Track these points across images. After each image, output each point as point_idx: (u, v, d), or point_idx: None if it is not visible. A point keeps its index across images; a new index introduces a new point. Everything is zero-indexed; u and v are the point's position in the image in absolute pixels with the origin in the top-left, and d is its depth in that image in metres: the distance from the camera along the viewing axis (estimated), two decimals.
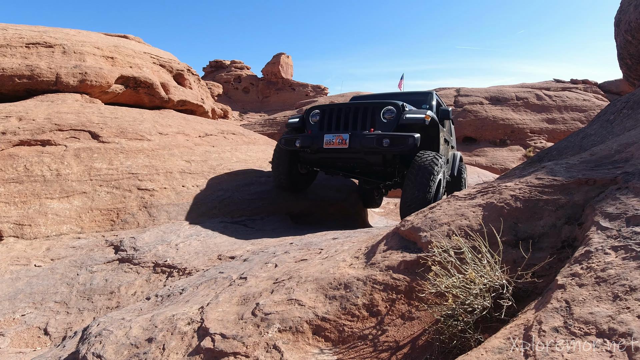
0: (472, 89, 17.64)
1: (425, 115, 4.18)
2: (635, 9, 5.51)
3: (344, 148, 4.23)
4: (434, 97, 5.73)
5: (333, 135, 4.35)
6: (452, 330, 1.17)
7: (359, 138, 4.15)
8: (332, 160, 4.64)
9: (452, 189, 6.60)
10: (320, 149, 4.37)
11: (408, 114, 4.25)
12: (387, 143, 3.98)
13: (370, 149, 4.12)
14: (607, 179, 1.50)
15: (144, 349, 1.48)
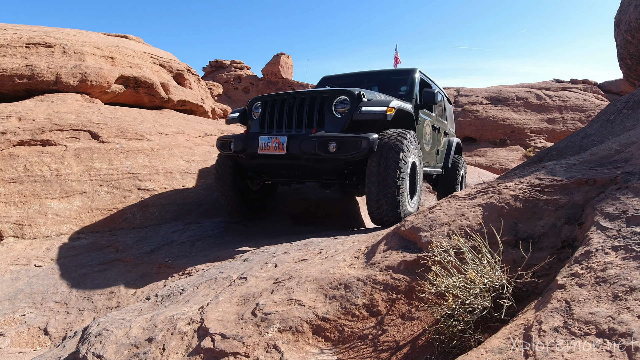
0: (472, 89, 17.65)
1: (387, 108, 3.23)
2: (635, 9, 5.51)
3: (282, 154, 3.25)
4: (416, 75, 4.55)
5: (269, 138, 3.33)
6: (452, 330, 1.17)
7: (298, 141, 3.17)
8: (274, 168, 3.65)
9: (446, 184, 5.82)
10: (255, 154, 3.41)
11: (365, 107, 3.24)
12: (334, 148, 3.05)
13: (311, 156, 3.15)
14: (607, 179, 1.50)
15: (144, 349, 1.48)
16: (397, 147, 3.15)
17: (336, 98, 3.39)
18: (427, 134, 4.63)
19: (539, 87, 17.90)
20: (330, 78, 5.33)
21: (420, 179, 3.67)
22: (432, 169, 5.09)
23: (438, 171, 5.45)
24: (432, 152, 5.01)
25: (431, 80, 5.36)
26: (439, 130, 5.28)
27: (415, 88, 4.43)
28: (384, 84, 4.75)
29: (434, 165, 5.21)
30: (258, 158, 3.51)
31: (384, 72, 5.04)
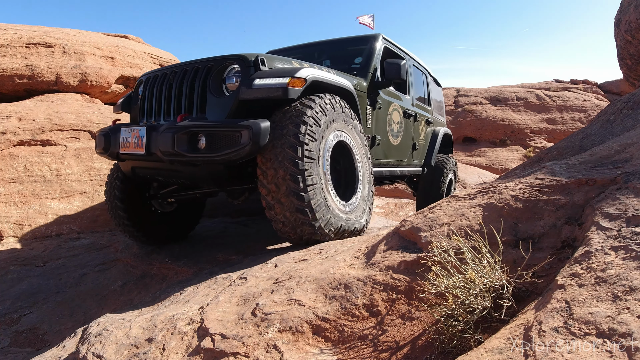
0: (472, 89, 17.65)
1: (291, 80, 2.20)
2: (635, 9, 5.51)
3: (142, 154, 2.36)
4: (377, 44, 3.54)
5: (129, 131, 2.48)
6: (452, 331, 1.17)
7: (157, 135, 2.26)
8: (148, 174, 2.69)
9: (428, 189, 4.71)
10: (119, 155, 2.57)
11: (259, 79, 2.22)
12: (203, 144, 2.12)
13: (173, 157, 2.20)
14: (607, 179, 1.50)
15: (144, 349, 1.48)
16: (298, 120, 2.19)
17: (227, 68, 2.38)
18: (394, 123, 3.68)
19: (539, 87, 17.90)
20: (275, 53, 4.20)
21: (363, 169, 2.74)
22: (403, 169, 4.03)
23: (415, 171, 4.37)
24: (402, 146, 3.93)
25: (404, 52, 4.22)
26: (415, 117, 4.17)
27: (373, 59, 3.39)
28: (337, 56, 3.81)
29: (407, 164, 4.14)
30: (125, 160, 2.67)
31: (339, 42, 3.95)
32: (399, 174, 4.01)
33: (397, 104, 3.82)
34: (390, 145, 3.71)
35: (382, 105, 3.48)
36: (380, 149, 3.53)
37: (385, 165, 3.70)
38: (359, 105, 3.01)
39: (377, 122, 3.43)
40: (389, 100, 3.65)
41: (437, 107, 5.29)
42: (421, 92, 4.69)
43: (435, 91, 5.29)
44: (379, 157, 3.55)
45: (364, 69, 3.39)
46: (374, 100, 3.34)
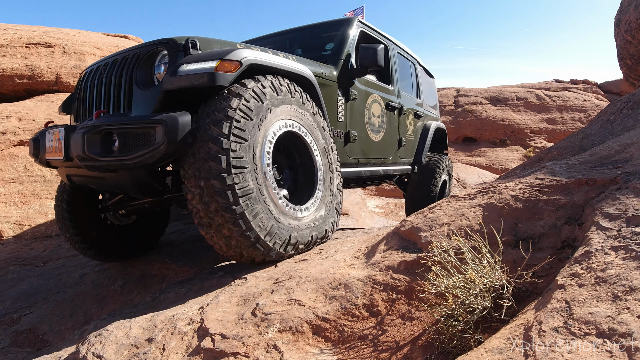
0: (472, 89, 17.65)
1: (219, 63, 1.87)
2: (635, 9, 5.51)
3: (61, 159, 2.10)
4: (351, 28, 3.16)
5: (52, 134, 2.22)
6: (452, 331, 1.17)
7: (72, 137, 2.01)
8: (83, 182, 2.39)
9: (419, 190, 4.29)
10: (47, 161, 2.30)
11: (186, 64, 1.91)
12: (117, 145, 1.86)
13: (87, 162, 1.91)
14: (607, 179, 1.50)
15: (144, 349, 1.48)
16: (221, 116, 1.81)
17: (157, 56, 2.07)
18: (374, 116, 3.32)
19: (539, 87, 17.90)
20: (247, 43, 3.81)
21: (324, 166, 2.36)
22: (388, 168, 3.65)
23: (403, 170, 3.99)
24: (386, 142, 3.56)
25: (386, 38, 3.78)
26: (401, 110, 3.79)
27: (346, 45, 3.02)
28: (309, 44, 3.42)
29: (393, 162, 3.75)
30: (56, 167, 2.43)
31: (311, 28, 3.54)
32: (383, 173, 3.58)
33: (378, 95, 3.39)
34: (370, 142, 3.30)
35: (357, 96, 3.06)
36: (357, 146, 3.14)
37: (364, 164, 3.29)
38: (326, 95, 2.68)
39: (352, 116, 3.02)
40: (367, 91, 3.24)
41: (428, 99, 4.83)
42: (408, 82, 4.25)
43: (425, 82, 4.85)
44: (356, 155, 3.15)
45: (334, 56, 2.99)
46: (346, 90, 2.94)
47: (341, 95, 2.91)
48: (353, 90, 3.04)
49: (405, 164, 4.10)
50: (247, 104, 1.92)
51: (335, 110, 2.85)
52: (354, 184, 4.16)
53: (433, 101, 5.10)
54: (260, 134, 1.98)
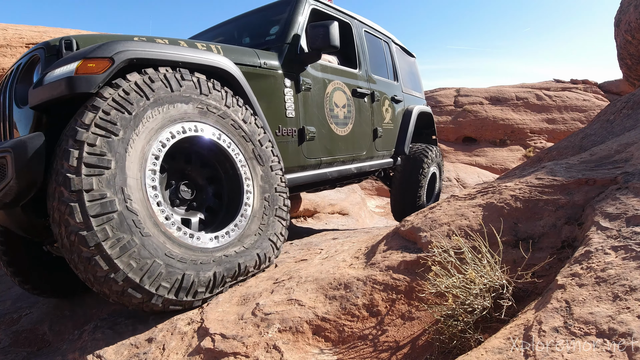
0: (472, 89, 17.65)
1: (80, 64, 1.51)
2: (635, 9, 5.51)
3: None
4: (300, 5, 2.77)
5: None
6: (452, 331, 1.17)
7: None
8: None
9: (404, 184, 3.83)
10: None
11: (52, 71, 1.56)
12: None
13: None
14: (607, 179, 1.50)
15: (144, 349, 1.48)
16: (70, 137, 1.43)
17: (36, 64, 1.76)
18: (337, 107, 2.89)
19: (539, 87, 17.90)
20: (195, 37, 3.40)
21: (255, 178, 1.97)
22: (363, 164, 3.23)
23: (382, 164, 3.55)
24: (356, 135, 3.11)
25: (346, 15, 3.31)
26: (373, 96, 3.35)
27: (293, 27, 2.62)
28: (257, 30, 3.00)
29: (368, 157, 3.31)
30: None
31: (257, 13, 3.11)
32: (356, 171, 3.18)
33: (341, 81, 2.97)
34: (334, 137, 2.88)
35: (312, 85, 2.66)
36: (317, 143, 2.72)
37: (330, 164, 2.87)
38: (267, 88, 2.32)
39: (306, 109, 2.62)
40: (326, 78, 2.81)
41: (409, 81, 4.35)
42: (381, 63, 3.77)
43: (404, 62, 4.37)
44: (317, 154, 2.73)
45: (278, 40, 2.59)
46: (296, 79, 2.53)
47: (289, 85, 2.48)
48: (305, 78, 2.61)
49: (384, 157, 3.63)
50: (107, 117, 1.48)
51: (282, 105, 2.43)
52: (321, 187, 3.64)
53: (415, 83, 4.60)
54: (135, 150, 1.52)
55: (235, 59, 2.18)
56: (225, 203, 1.96)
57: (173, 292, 1.55)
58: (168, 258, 1.53)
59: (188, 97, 1.78)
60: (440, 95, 17.35)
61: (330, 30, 2.45)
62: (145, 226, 1.50)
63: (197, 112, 1.79)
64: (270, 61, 2.42)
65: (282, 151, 2.38)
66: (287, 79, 2.49)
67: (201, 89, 1.85)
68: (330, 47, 2.48)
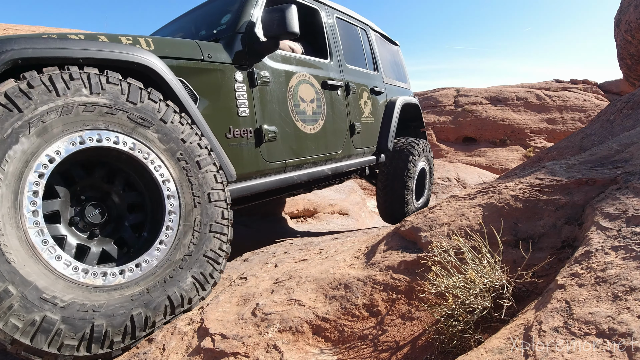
0: (472, 89, 17.66)
1: None
2: (635, 9, 5.51)
3: None
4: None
5: None
6: (452, 331, 1.17)
7: None
8: None
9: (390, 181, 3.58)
10: None
11: None
12: None
13: None
14: (607, 179, 1.50)
15: (144, 349, 1.48)
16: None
17: None
18: (304, 101, 2.62)
19: (539, 87, 17.91)
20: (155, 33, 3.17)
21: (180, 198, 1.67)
22: (339, 164, 2.97)
23: (363, 162, 3.28)
24: (328, 132, 2.85)
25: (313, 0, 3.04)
26: (348, 88, 3.07)
27: (244, 13, 2.33)
28: (210, 21, 2.74)
29: (345, 156, 3.05)
30: None
31: (212, 2, 2.87)
32: (331, 173, 2.86)
33: (308, 73, 2.68)
34: (302, 136, 2.58)
35: (271, 78, 2.37)
36: (280, 144, 2.42)
37: (298, 166, 2.58)
38: (211, 84, 2.06)
39: (264, 106, 2.32)
40: (289, 70, 2.53)
41: (391, 71, 4.11)
42: (358, 53, 3.49)
43: (386, 51, 4.09)
44: (280, 156, 2.43)
45: (229, 30, 2.31)
46: (250, 72, 2.25)
47: (241, 80, 2.20)
48: (261, 71, 2.31)
49: (365, 155, 3.34)
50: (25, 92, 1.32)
51: (232, 103, 2.14)
52: (293, 192, 3.27)
53: (400, 73, 4.33)
54: (7, 174, 1.26)
55: (170, 52, 1.92)
56: (148, 231, 1.66)
57: (84, 348, 1.30)
58: (47, 304, 1.23)
59: (81, 102, 1.46)
60: (440, 95, 17.36)
61: (287, 15, 2.17)
62: (23, 268, 1.20)
63: (102, 118, 1.50)
64: (217, 53, 2.13)
65: (235, 156, 2.12)
66: (239, 73, 2.20)
67: (91, 88, 1.49)
68: (288, 34, 2.19)
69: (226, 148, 2.07)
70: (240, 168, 2.16)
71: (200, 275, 1.67)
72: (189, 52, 2.03)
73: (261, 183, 2.29)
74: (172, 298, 1.56)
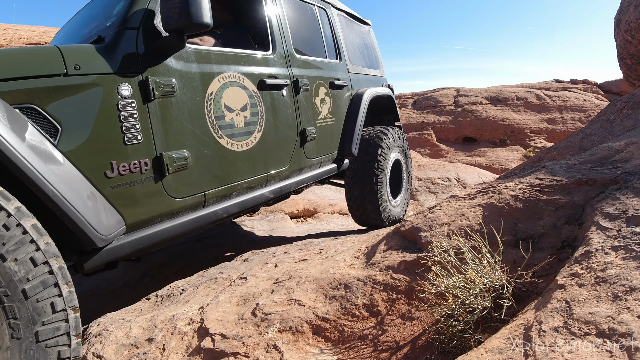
0: (472, 89, 17.66)
1: None
2: (635, 9, 5.51)
3: None
4: None
5: None
6: (452, 330, 1.17)
7: None
8: None
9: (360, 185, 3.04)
10: None
11: None
12: None
13: None
14: (607, 179, 1.50)
15: (144, 349, 1.48)
16: None
17: None
18: (230, 111, 2.03)
19: (539, 87, 17.91)
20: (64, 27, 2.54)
21: None
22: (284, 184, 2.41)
23: (318, 175, 2.74)
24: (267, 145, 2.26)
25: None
26: (297, 86, 2.50)
27: (140, 1, 1.75)
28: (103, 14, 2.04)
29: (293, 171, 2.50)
30: None
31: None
32: (272, 196, 2.31)
33: (237, 72, 2.10)
34: (228, 157, 2.02)
35: (178, 86, 1.79)
36: (193, 173, 1.86)
37: (223, 197, 2.02)
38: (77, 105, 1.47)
39: (166, 125, 1.75)
40: (206, 72, 1.94)
41: (360, 57, 3.50)
42: (314, 38, 2.91)
43: (353, 34, 3.47)
44: (196, 188, 1.87)
45: (116, 25, 1.72)
46: (143, 82, 1.67)
47: (128, 95, 1.62)
48: (160, 79, 1.73)
49: (323, 165, 2.81)
50: None
51: (115, 128, 1.57)
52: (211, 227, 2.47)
53: (370, 58, 3.71)
54: None
55: (10, 70, 1.33)
56: None
57: None
58: None
59: None
60: (440, 95, 17.36)
61: (190, 0, 1.59)
62: None
63: None
64: (90, 62, 1.54)
65: (124, 199, 1.58)
66: (125, 85, 1.62)
67: None
68: (195, 26, 1.64)
69: (108, 192, 1.53)
70: (134, 214, 1.63)
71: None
72: (42, 65, 1.42)
73: (168, 228, 1.75)
74: None
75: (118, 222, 1.56)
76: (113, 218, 1.54)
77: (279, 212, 4.77)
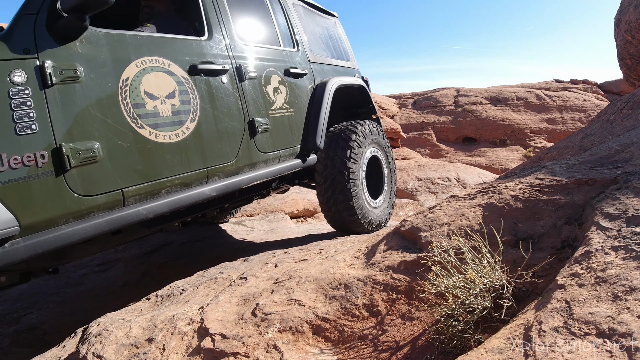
0: (472, 89, 17.66)
1: None
2: (635, 9, 5.51)
3: None
4: None
5: None
6: (452, 331, 1.17)
7: None
8: None
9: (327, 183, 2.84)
10: None
11: None
12: None
13: None
14: (607, 179, 1.50)
15: (144, 349, 1.48)
16: None
17: None
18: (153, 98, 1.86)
19: (539, 87, 17.91)
20: None
21: None
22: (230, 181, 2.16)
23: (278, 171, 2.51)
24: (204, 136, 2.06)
25: None
26: (241, 73, 2.33)
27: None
28: None
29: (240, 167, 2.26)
30: None
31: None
32: (216, 194, 2.09)
33: (160, 57, 1.94)
34: (152, 149, 1.84)
35: (84, 71, 1.66)
36: (106, 167, 1.69)
37: (147, 195, 1.82)
38: None
39: (68, 113, 1.60)
40: (120, 58, 1.79)
41: (324, 47, 3.37)
42: (264, 25, 2.77)
43: (314, 23, 3.38)
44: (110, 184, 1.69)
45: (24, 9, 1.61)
46: (40, 67, 1.54)
47: (21, 81, 1.50)
48: (59, 63, 1.59)
49: (283, 160, 2.58)
50: None
51: (5, 118, 1.44)
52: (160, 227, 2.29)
53: (337, 49, 3.59)
54: None
55: None
56: None
57: None
58: None
59: None
60: (440, 95, 17.36)
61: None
62: None
63: None
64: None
65: (17, 196, 1.42)
66: (18, 72, 1.50)
67: None
68: (95, 5, 1.54)
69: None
70: (30, 213, 1.46)
71: None
72: None
73: (76, 230, 1.56)
74: None
75: (8, 221, 1.38)
76: (1, 216, 1.36)
77: (279, 212, 4.77)
